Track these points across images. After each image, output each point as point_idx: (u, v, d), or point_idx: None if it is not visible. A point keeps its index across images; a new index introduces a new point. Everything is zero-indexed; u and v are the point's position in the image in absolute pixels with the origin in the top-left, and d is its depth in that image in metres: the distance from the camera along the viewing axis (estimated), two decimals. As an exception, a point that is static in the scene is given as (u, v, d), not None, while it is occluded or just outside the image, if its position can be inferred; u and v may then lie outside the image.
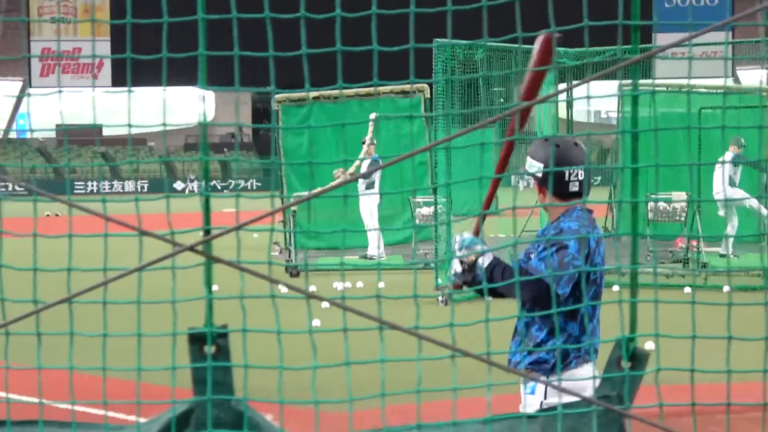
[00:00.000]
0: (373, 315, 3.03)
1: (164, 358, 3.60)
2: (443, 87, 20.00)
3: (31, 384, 3.83)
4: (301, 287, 3.55)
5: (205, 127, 3.48)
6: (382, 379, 3.44)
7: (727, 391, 3.70)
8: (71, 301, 3.04)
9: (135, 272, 3.04)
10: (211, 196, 3.46)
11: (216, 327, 3.58)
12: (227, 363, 3.57)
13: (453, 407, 3.43)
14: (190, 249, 3.01)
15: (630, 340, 3.72)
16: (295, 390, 9.97)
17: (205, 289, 3.50)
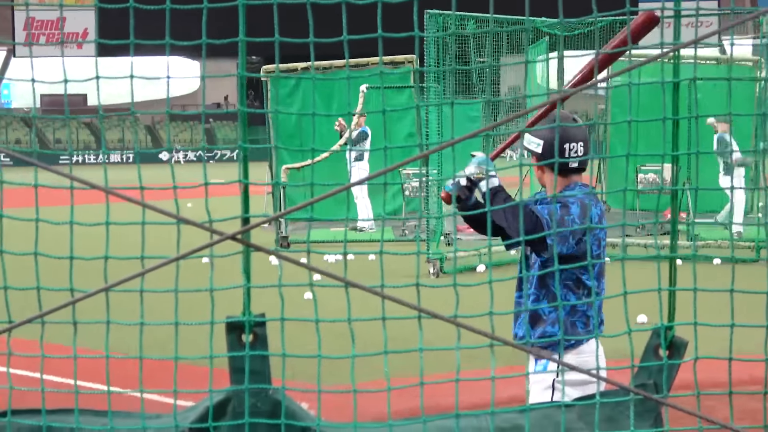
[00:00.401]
0: (411, 303, 3.02)
1: (202, 339, 3.60)
2: (434, 58, 19.95)
3: (68, 369, 3.83)
4: (296, 259, 3.52)
5: (245, 115, 3.44)
6: (420, 368, 3.44)
7: (766, 379, 3.69)
8: (108, 290, 3.03)
9: (173, 262, 3.02)
10: (249, 183, 3.44)
11: (254, 315, 3.57)
12: (265, 352, 3.57)
13: (492, 396, 3.43)
14: (231, 238, 2.99)
15: (668, 328, 3.71)
16: (313, 372, 10.01)
17: (244, 277, 3.49)
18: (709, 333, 3.52)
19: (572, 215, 5.38)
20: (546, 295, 5.57)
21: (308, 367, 5.44)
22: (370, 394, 3.79)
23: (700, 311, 3.78)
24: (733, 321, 3.87)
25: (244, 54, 3.74)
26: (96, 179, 3.07)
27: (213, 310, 3.55)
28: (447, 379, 3.31)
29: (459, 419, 3.48)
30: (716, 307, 4.84)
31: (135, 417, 3.75)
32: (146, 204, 3.11)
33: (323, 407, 3.69)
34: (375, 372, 4.00)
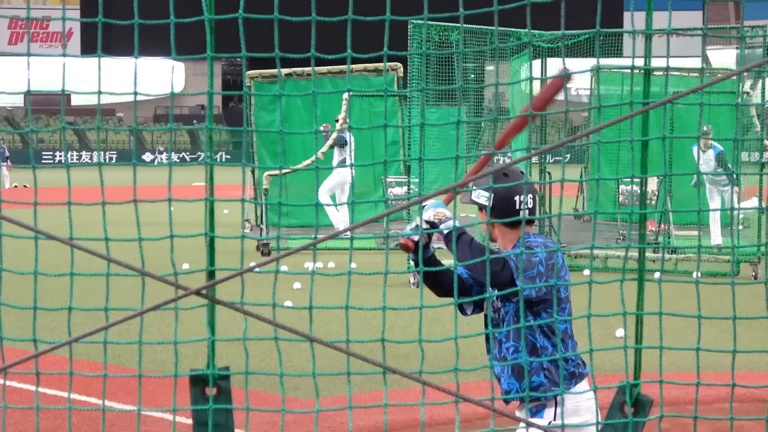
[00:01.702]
0: (377, 360, 3.00)
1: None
2: (418, 66, 19.97)
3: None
4: (273, 267, 3.50)
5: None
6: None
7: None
8: (71, 342, 3.01)
9: (137, 316, 3.01)
10: (215, 236, 3.42)
11: (218, 369, 3.56)
12: (229, 405, 3.55)
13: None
14: (196, 293, 2.98)
15: (634, 386, 3.72)
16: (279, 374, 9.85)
17: (208, 330, 3.48)
18: (686, 341, 3.52)
19: (538, 257, 5.28)
20: (525, 345, 5.46)
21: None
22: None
23: (677, 325, 3.77)
24: (699, 345, 3.88)
25: (211, 70, 3.71)
26: (81, 180, 3.05)
27: (177, 362, 3.53)
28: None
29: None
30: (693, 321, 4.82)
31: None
32: (111, 258, 3.09)
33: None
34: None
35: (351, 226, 3.09)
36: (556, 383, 5.26)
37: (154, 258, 11.46)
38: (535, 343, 5.32)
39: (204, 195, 3.44)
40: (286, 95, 3.55)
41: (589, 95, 28.37)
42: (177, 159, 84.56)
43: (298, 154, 24.98)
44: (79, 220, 4.44)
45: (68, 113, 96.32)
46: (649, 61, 3.70)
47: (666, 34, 3.94)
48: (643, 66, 3.61)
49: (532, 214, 5.50)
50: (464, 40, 20.95)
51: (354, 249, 21.71)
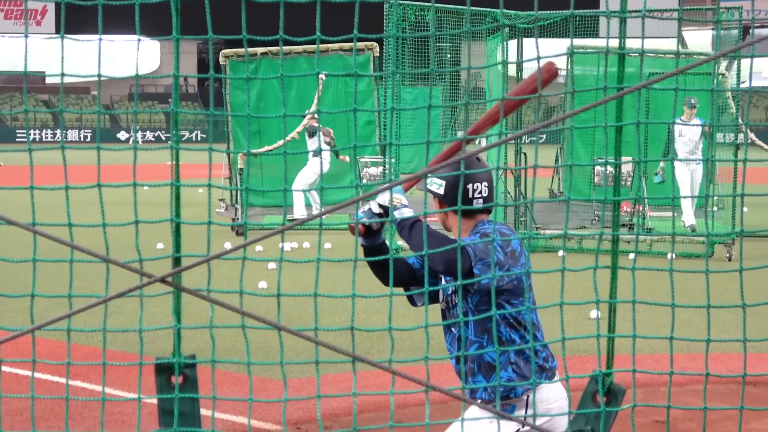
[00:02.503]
0: (346, 350, 2.95)
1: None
2: (394, 46, 19.91)
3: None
4: (243, 246, 3.42)
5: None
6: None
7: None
8: (33, 330, 2.95)
9: (101, 303, 2.95)
10: (180, 222, 3.36)
11: (184, 357, 3.50)
12: (195, 394, 3.50)
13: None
14: (160, 281, 2.93)
15: (606, 375, 3.68)
16: (240, 353, 9.86)
17: (174, 318, 3.42)
18: (659, 323, 3.49)
19: (495, 244, 5.10)
20: (489, 340, 5.24)
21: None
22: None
23: (650, 305, 3.73)
24: (672, 334, 3.85)
25: (177, 52, 3.65)
26: (54, 159, 2.99)
27: (141, 351, 3.48)
28: (381, 425, 3.25)
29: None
30: (667, 299, 4.78)
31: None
32: (74, 245, 3.03)
33: None
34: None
35: (324, 210, 3.04)
36: (526, 378, 5.09)
37: (126, 238, 11.38)
38: (500, 337, 5.19)
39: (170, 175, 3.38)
40: (255, 78, 3.50)
41: (564, 76, 28.37)
42: (152, 137, 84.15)
43: (274, 133, 24.88)
44: (49, 198, 4.38)
45: (43, 91, 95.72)
46: (623, 43, 3.65)
47: (641, 16, 3.89)
48: (617, 49, 3.56)
49: (488, 202, 5.36)
50: (441, 19, 20.90)
51: (328, 229, 21.65)
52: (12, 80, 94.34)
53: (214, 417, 3.53)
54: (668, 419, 3.63)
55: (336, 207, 3.68)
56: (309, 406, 9.16)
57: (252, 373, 3.68)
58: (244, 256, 3.41)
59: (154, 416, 3.79)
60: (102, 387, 3.39)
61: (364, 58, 25.98)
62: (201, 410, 3.71)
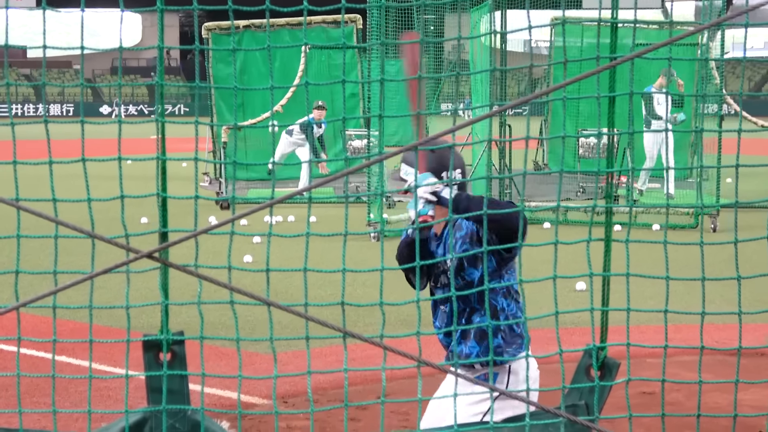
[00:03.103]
0: (337, 326, 2.91)
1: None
2: (377, 18, 19.83)
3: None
4: (231, 220, 3.36)
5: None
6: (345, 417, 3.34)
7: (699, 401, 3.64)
8: (18, 308, 2.90)
9: (87, 279, 2.90)
10: (167, 197, 3.31)
11: (172, 333, 3.45)
12: (183, 371, 3.46)
13: (418, 417, 3.34)
14: (147, 256, 2.88)
15: (600, 348, 3.64)
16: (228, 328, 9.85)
17: (161, 294, 3.37)
18: (645, 294, 3.46)
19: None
20: (483, 309, 5.18)
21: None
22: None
23: (638, 277, 3.70)
24: (667, 306, 3.81)
25: (162, 23, 3.57)
26: (37, 134, 2.94)
27: (129, 326, 3.43)
28: (371, 401, 3.21)
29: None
30: (653, 270, 4.75)
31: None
32: (59, 221, 2.98)
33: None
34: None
35: (311, 185, 3.00)
36: (510, 345, 5.12)
37: (111, 211, 11.32)
38: (496, 306, 5.19)
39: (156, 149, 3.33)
40: (239, 50, 3.44)
41: (548, 47, 28.30)
42: (135, 111, 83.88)
43: (257, 105, 24.80)
44: (34, 172, 4.32)
45: (24, 65, 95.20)
46: (616, 13, 3.61)
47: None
48: (610, 19, 3.51)
49: (462, 187, 5.28)
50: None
51: (315, 202, 21.58)
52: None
53: (203, 394, 3.48)
54: (663, 392, 3.60)
55: (325, 180, 3.63)
56: (296, 379, 9.13)
57: (239, 353, 3.64)
58: (233, 230, 3.36)
59: (141, 391, 3.74)
60: (89, 363, 3.35)
61: (347, 31, 25.87)
62: (189, 385, 3.67)
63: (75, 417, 7.70)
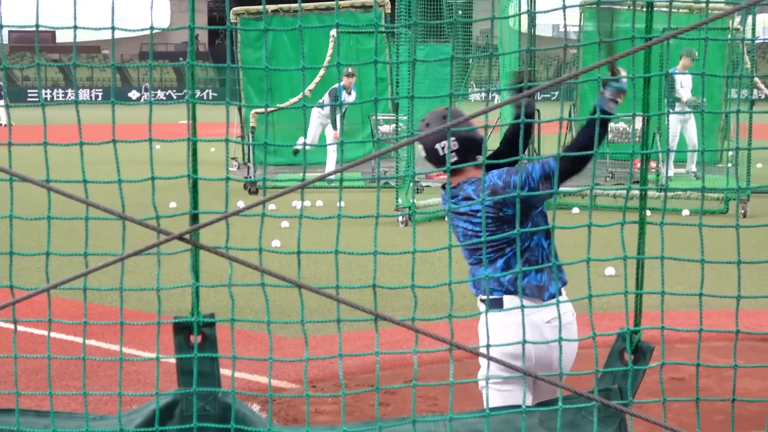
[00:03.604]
0: (368, 308, 2.89)
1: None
2: (406, 1, 19.77)
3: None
4: (259, 206, 3.35)
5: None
6: (376, 381, 3.32)
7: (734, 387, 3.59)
8: (49, 289, 2.89)
9: (118, 261, 2.89)
10: (198, 178, 3.29)
11: (202, 316, 3.44)
12: (214, 353, 3.44)
13: (450, 402, 3.32)
14: (178, 238, 2.86)
15: (634, 332, 3.60)
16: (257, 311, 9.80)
17: (192, 276, 3.35)
18: (675, 280, 3.42)
19: (527, 168, 5.21)
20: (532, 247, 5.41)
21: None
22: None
23: (665, 262, 3.66)
24: (702, 290, 3.77)
25: (192, 3, 3.55)
26: (65, 118, 2.93)
27: (159, 310, 3.41)
28: (403, 385, 3.19)
29: (415, 425, 3.38)
30: (684, 255, 4.71)
31: (78, 418, 3.61)
32: (89, 202, 2.97)
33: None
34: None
35: (341, 167, 2.98)
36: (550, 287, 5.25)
37: (139, 197, 11.33)
38: (542, 246, 5.35)
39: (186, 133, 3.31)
40: (271, 30, 3.42)
41: (577, 32, 28.15)
42: (163, 97, 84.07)
43: (285, 91, 24.79)
44: (63, 158, 4.32)
45: (53, 50, 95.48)
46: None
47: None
48: (645, 0, 3.47)
49: (464, 155, 5.34)
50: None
51: (343, 187, 21.73)
52: (22, 39, 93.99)
53: (234, 377, 3.47)
54: (697, 376, 3.57)
55: (354, 163, 3.61)
56: (324, 364, 9.12)
57: (270, 335, 3.62)
58: (263, 212, 3.34)
59: (170, 375, 3.74)
60: (120, 346, 3.34)
61: (376, 15, 25.82)
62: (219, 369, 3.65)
63: (104, 401, 7.71)
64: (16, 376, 3.57)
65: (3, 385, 8.08)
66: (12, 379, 3.63)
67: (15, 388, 3.47)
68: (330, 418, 7.55)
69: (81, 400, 3.56)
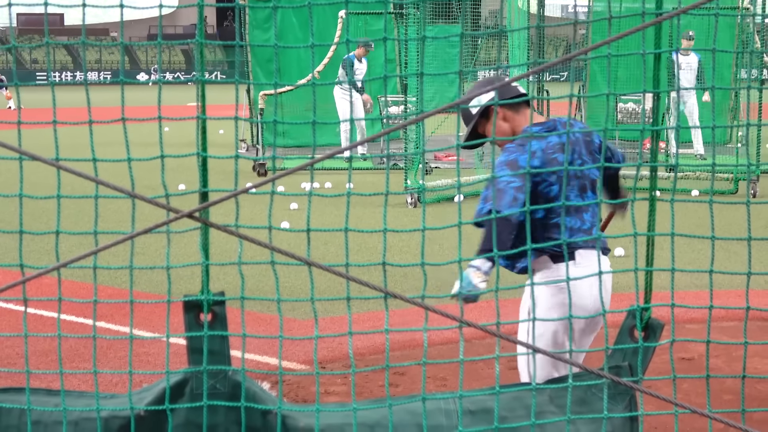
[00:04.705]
0: (378, 286, 2.89)
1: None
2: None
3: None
4: (268, 187, 3.34)
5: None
6: (386, 358, 3.32)
7: (744, 364, 3.58)
8: (59, 268, 2.89)
9: (128, 240, 2.88)
10: (207, 156, 3.28)
11: (212, 294, 3.44)
12: (224, 332, 3.44)
13: (460, 380, 3.32)
14: (188, 216, 2.86)
15: (644, 309, 3.60)
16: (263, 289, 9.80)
17: (202, 254, 3.35)
18: (684, 260, 3.41)
19: (503, 180, 5.06)
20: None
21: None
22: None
23: (678, 244, 3.65)
24: (712, 267, 3.76)
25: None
26: (73, 101, 2.92)
27: (169, 288, 3.41)
28: (413, 362, 3.19)
29: (425, 402, 3.38)
30: (694, 238, 4.71)
31: (88, 397, 3.61)
32: (100, 180, 2.96)
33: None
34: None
35: (348, 145, 2.97)
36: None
37: (148, 179, 11.34)
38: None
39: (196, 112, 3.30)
40: (281, 7, 3.41)
41: (586, 12, 28.04)
42: (172, 78, 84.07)
43: (294, 72, 24.75)
44: (71, 140, 4.31)
45: (62, 33, 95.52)
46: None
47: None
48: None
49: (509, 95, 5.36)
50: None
51: (352, 168, 21.58)
52: (30, 22, 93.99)
53: (244, 355, 3.47)
54: (707, 353, 3.56)
55: (362, 141, 3.60)
56: (333, 345, 9.13)
57: (277, 313, 3.62)
58: (273, 190, 3.34)
59: (180, 357, 3.74)
60: (130, 326, 3.34)
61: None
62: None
63: (114, 381, 7.72)
64: (27, 354, 3.57)
65: (14, 366, 8.10)
66: (22, 360, 3.64)
67: (26, 367, 3.47)
68: (340, 399, 7.56)
69: (91, 381, 3.56)
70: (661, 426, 6.59)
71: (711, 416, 3.21)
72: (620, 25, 19.59)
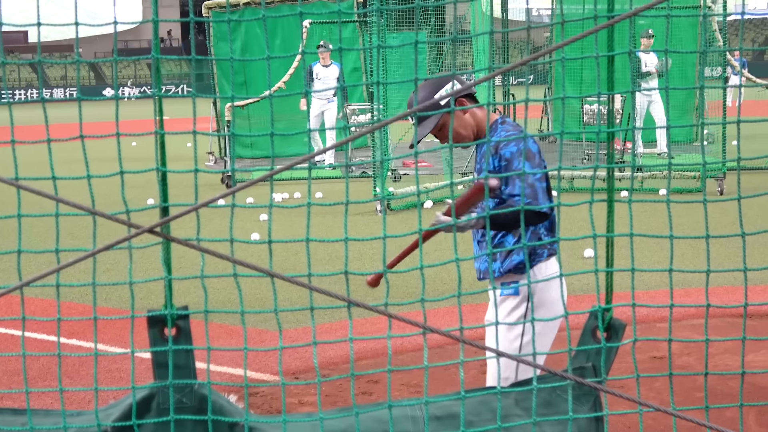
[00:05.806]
0: (341, 295, 2.90)
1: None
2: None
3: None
4: (232, 192, 3.34)
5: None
6: (352, 366, 3.33)
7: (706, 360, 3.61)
8: (22, 287, 2.89)
9: (90, 257, 2.89)
10: (167, 171, 3.27)
11: (176, 308, 3.44)
12: (189, 346, 3.44)
13: (426, 385, 3.33)
14: (149, 231, 2.86)
15: (606, 310, 3.62)
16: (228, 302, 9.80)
17: (164, 269, 3.35)
18: (653, 259, 3.44)
19: (536, 177, 5.21)
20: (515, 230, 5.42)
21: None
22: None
23: (644, 242, 3.69)
24: (671, 265, 3.79)
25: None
26: (39, 118, 2.92)
27: (133, 303, 3.41)
28: (378, 370, 3.20)
29: (392, 409, 3.39)
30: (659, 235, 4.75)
31: (55, 415, 3.61)
32: (59, 198, 2.96)
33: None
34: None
35: (310, 154, 2.98)
36: (535, 255, 5.38)
37: (115, 195, 11.32)
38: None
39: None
40: (238, 21, 3.42)
41: (550, 15, 28.17)
42: (138, 93, 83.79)
43: (261, 84, 24.77)
44: (35, 158, 4.30)
45: (26, 51, 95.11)
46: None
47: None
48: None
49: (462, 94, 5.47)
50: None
51: (320, 178, 21.59)
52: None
53: (209, 367, 3.47)
54: (670, 352, 3.59)
55: (328, 148, 3.62)
56: (306, 355, 9.13)
57: (247, 324, 3.64)
58: (233, 203, 3.35)
59: (150, 371, 3.74)
60: (95, 344, 3.34)
61: (347, 4, 25.83)
62: (197, 363, 3.66)
63: (87, 399, 7.71)
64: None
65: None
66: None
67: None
68: (313, 408, 7.57)
69: (64, 399, 3.56)
70: (634, 425, 6.62)
71: (675, 414, 3.24)
72: (583, 27, 19.71)
